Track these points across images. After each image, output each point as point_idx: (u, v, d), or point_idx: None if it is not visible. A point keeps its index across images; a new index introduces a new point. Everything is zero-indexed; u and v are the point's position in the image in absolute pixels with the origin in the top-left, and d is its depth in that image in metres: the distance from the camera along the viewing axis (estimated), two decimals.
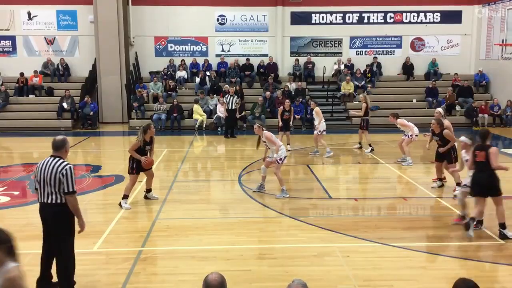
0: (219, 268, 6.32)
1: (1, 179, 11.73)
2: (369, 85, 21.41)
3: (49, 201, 5.48)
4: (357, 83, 21.11)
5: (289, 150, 14.17)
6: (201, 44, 22.49)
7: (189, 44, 22.46)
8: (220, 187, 11.50)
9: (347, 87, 20.38)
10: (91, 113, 19.68)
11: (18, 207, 9.56)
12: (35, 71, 21.05)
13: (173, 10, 22.02)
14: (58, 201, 5.47)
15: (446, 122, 10.52)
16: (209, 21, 22.29)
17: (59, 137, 5.74)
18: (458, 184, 9.56)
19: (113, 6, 20.44)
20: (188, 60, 22.20)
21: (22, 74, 20.73)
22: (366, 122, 14.58)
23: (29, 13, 21.73)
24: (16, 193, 10.45)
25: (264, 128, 9.86)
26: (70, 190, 5.45)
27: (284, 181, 9.88)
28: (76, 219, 5.65)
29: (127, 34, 21.47)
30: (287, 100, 15.43)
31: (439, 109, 11.07)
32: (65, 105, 19.65)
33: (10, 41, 21.80)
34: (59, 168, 5.44)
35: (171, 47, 22.42)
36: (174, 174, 12.05)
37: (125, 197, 9.20)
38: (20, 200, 10.03)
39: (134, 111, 20.06)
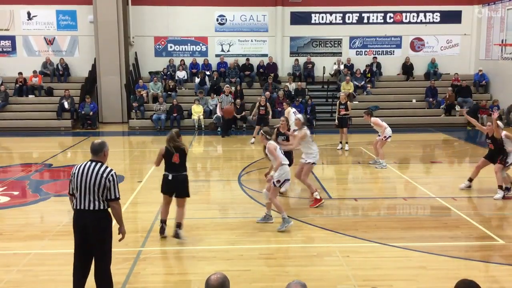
0: (218, 268, 6.33)
1: (1, 179, 11.72)
2: (368, 85, 21.42)
3: (91, 208, 5.21)
4: (356, 83, 21.11)
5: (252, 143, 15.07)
6: (201, 44, 22.49)
7: (188, 44, 22.45)
8: (220, 187, 11.50)
9: (346, 87, 20.39)
10: (91, 113, 19.67)
11: (17, 207, 9.56)
12: (35, 71, 21.03)
13: (172, 10, 22.02)
14: (101, 207, 5.25)
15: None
16: (209, 21, 22.29)
17: (97, 141, 5.50)
18: (500, 187, 9.74)
19: (113, 6, 20.43)
20: (188, 60, 22.20)
21: (21, 74, 20.73)
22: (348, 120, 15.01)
23: (28, 13, 21.72)
24: (16, 193, 10.44)
25: (269, 138, 8.24)
26: (117, 196, 5.30)
27: (282, 208, 8.09)
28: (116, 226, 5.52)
29: (127, 34, 21.46)
30: (262, 96, 15.79)
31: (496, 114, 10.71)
32: (65, 105, 19.64)
33: (9, 41, 21.79)
34: (104, 174, 5.23)
35: (171, 47, 22.42)
36: None
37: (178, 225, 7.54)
38: (19, 200, 10.03)
39: (133, 111, 20.06)
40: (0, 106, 19.75)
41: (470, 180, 10.39)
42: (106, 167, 5.31)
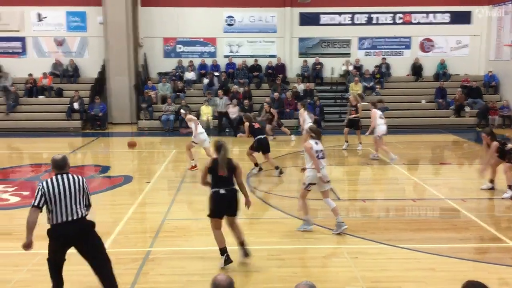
0: (227, 269, 6.34)
1: (11, 180, 11.83)
2: (377, 86, 21.34)
3: (78, 216, 5.31)
4: (365, 84, 21.05)
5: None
6: (210, 45, 22.54)
7: (197, 45, 22.51)
8: None
9: (355, 88, 20.34)
10: (100, 114, 19.79)
11: (27, 207, 9.59)
12: (45, 72, 21.21)
13: (181, 11, 22.09)
14: (84, 214, 5.39)
15: None
16: (218, 22, 22.33)
17: (59, 156, 5.54)
18: (509, 187, 9.73)
19: (122, 7, 20.54)
20: (197, 61, 22.26)
21: (31, 75, 20.91)
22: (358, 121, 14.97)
23: (39, 15, 21.89)
24: (26, 193, 10.51)
25: (313, 135, 7.90)
26: (90, 202, 5.51)
27: (308, 210, 7.98)
28: None
29: (136, 35, 21.56)
30: (266, 104, 15.81)
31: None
32: (75, 106, 19.77)
33: (20, 43, 21.97)
34: (81, 182, 5.37)
35: (180, 48, 22.49)
36: (182, 175, 12.07)
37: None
38: (29, 201, 10.05)
39: (142, 112, 20.15)
40: (11, 107, 19.91)
41: (491, 181, 10.34)
42: (78, 176, 5.44)
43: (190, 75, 21.74)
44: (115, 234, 7.88)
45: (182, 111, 14.63)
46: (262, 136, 11.92)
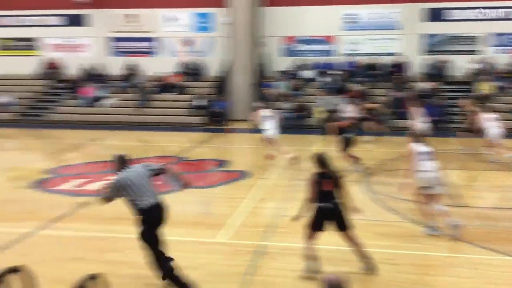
0: (338, 269, 6.33)
1: None
2: (510, 86, 19.68)
3: (159, 200, 5.97)
4: (495, 84, 19.51)
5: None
6: (329, 44, 22.45)
7: (316, 44, 22.54)
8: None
9: (484, 88, 18.94)
10: (222, 110, 20.70)
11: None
12: (173, 71, 22.73)
13: (302, 10, 22.26)
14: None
15: None
16: (337, 19, 22.16)
17: (120, 154, 6.21)
18: None
19: (247, 8, 21.27)
20: (315, 60, 22.30)
21: (160, 73, 22.53)
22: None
23: (169, 17, 23.45)
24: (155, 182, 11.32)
25: (416, 138, 7.75)
26: (161, 168, 6.43)
27: (432, 214, 7.60)
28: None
29: (259, 34, 22.19)
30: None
31: None
32: (198, 102, 20.90)
33: (152, 43, 23.73)
34: (144, 169, 6.08)
35: (299, 46, 22.69)
36: (301, 173, 12.20)
37: None
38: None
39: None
40: (142, 102, 21.58)
41: None
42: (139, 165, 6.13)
43: (308, 74, 21.86)
44: (230, 226, 8.23)
45: (255, 105, 15.17)
46: (349, 135, 11.98)
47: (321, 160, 6.31)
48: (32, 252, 6.94)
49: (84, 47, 24.23)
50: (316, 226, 6.24)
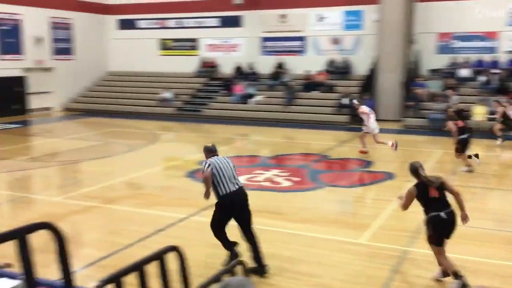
0: (491, 284, 5.85)
1: (285, 166, 13.17)
2: None
3: (239, 185, 6.41)
4: None
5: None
6: (490, 40, 20.69)
7: (475, 40, 20.93)
8: (499, 196, 10.49)
9: None
10: None
11: (297, 192, 10.62)
12: (320, 69, 22.88)
13: (459, 4, 20.84)
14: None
15: None
16: (500, 14, 20.30)
17: (210, 144, 6.80)
18: None
19: (399, 4, 20.57)
20: (473, 57, 20.73)
21: (308, 71, 22.81)
22: None
23: (319, 15, 23.63)
24: (297, 179, 11.57)
25: None
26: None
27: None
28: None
29: (410, 31, 21.31)
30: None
31: None
32: (345, 101, 20.76)
33: (301, 42, 24.14)
34: (230, 161, 6.53)
35: (455, 43, 21.29)
36: (450, 177, 11.50)
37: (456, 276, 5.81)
38: (299, 186, 11.10)
39: (409, 109, 19.85)
40: (289, 100, 22.09)
41: None
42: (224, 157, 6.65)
43: (464, 72, 20.40)
44: (373, 228, 8.07)
45: (355, 101, 15.02)
46: (465, 136, 11.60)
47: (415, 170, 5.93)
48: (184, 236, 7.55)
49: (238, 47, 25.53)
50: (439, 240, 5.82)
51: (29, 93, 24.00)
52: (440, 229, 5.78)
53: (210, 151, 6.68)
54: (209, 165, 6.36)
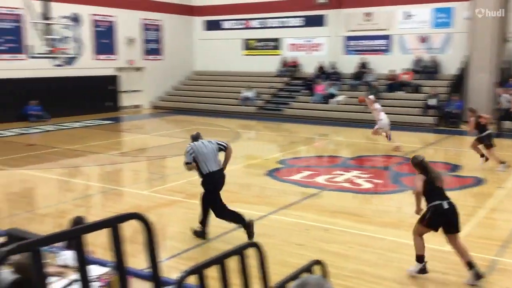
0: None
1: (366, 167, 12.90)
2: None
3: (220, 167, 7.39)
4: None
5: None
6: None
7: None
8: None
9: None
10: (457, 111, 19.37)
11: (378, 194, 10.39)
12: (405, 69, 22.13)
13: None
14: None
15: None
16: None
17: (195, 133, 7.66)
18: None
19: (493, 1, 19.43)
20: None
21: (392, 71, 22.15)
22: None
23: (406, 13, 22.88)
24: (379, 181, 11.31)
25: None
26: (224, 144, 7.66)
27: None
28: None
29: (504, 29, 20.05)
30: None
31: None
32: (432, 102, 19.96)
33: (386, 40, 23.50)
34: (214, 144, 7.45)
35: None
36: None
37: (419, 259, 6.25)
38: (380, 189, 10.85)
39: (501, 111, 18.67)
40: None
41: None
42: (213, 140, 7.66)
43: None
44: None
45: (371, 97, 15.38)
46: (487, 132, 11.77)
47: (419, 163, 6.31)
48: (263, 233, 7.62)
49: (320, 46, 25.36)
50: (432, 224, 6.05)
51: (121, 91, 25.37)
52: (438, 217, 5.97)
53: (195, 138, 7.55)
54: (191, 150, 7.29)
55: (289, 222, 8.32)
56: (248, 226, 7.22)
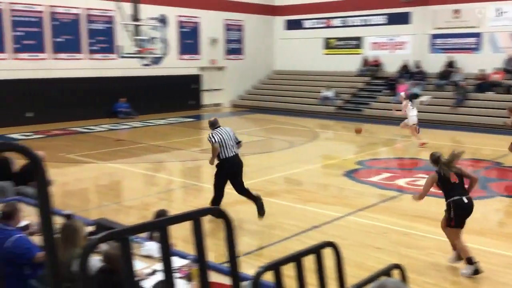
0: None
1: None
2: None
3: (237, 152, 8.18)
4: None
5: None
6: None
7: None
8: None
9: None
10: None
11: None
12: (497, 68, 20.90)
13: None
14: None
15: None
16: None
17: (212, 118, 8.51)
18: None
19: None
20: None
21: (482, 70, 21.00)
22: None
23: (498, 10, 21.60)
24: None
25: None
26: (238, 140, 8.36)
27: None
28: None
29: None
30: None
31: None
32: None
33: (476, 38, 22.33)
34: (231, 132, 8.22)
35: None
36: None
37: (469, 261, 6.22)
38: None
39: None
40: (459, 101, 20.62)
41: None
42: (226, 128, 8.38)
43: None
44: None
45: (402, 94, 16.71)
46: None
47: (436, 160, 6.47)
48: (339, 234, 7.56)
49: (404, 44, 24.59)
50: (460, 222, 6.16)
51: (203, 90, 26.11)
52: (461, 212, 6.12)
53: (213, 125, 8.17)
54: (214, 136, 7.89)
55: (366, 224, 8.17)
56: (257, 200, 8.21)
